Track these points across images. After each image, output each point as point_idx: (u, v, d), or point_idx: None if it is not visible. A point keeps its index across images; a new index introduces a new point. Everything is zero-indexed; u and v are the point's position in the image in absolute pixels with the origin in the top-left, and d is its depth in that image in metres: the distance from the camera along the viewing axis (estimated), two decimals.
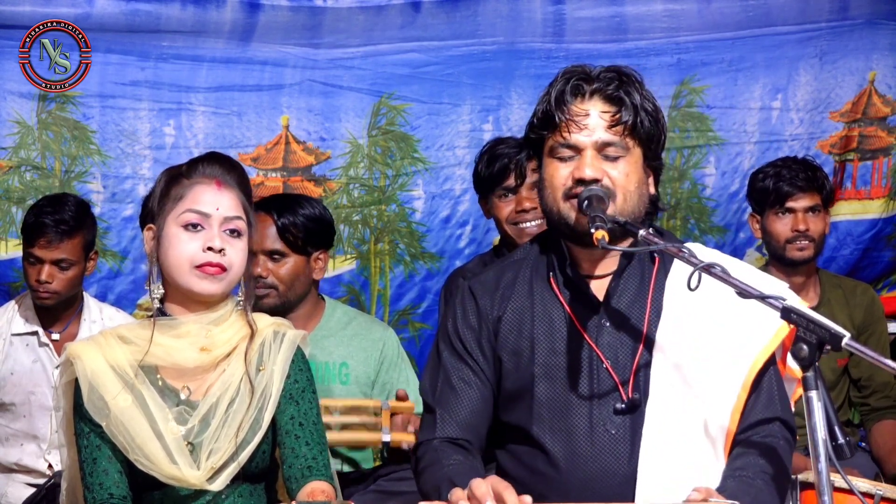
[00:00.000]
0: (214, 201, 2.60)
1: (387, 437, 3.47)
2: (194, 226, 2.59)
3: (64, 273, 4.00)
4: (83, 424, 2.59)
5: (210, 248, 2.57)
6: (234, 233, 2.61)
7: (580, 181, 2.52)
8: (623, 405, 2.54)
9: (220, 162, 2.68)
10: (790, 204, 4.05)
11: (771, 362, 2.52)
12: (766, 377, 2.51)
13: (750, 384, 2.48)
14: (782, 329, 2.46)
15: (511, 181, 3.85)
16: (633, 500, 2.47)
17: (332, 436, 3.40)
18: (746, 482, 2.40)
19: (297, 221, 3.79)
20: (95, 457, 2.57)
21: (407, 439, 3.45)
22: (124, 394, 2.56)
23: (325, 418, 3.11)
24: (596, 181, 2.51)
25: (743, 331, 2.48)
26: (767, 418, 2.49)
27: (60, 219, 3.97)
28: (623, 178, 2.53)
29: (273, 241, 3.75)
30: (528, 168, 3.81)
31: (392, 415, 3.52)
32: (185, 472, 2.54)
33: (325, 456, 2.64)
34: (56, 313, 4.10)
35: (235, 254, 2.60)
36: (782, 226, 4.06)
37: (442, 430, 2.61)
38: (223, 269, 2.58)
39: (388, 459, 3.67)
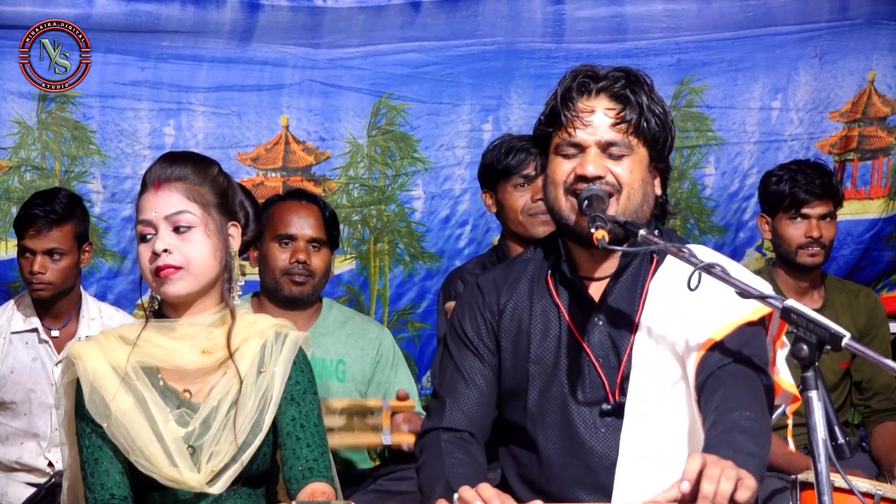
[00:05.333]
0: (152, 206, 2.60)
1: (387, 440, 3.48)
2: (145, 237, 2.60)
3: (56, 263, 4.01)
4: (84, 425, 2.59)
5: (155, 253, 2.57)
6: (182, 228, 2.59)
7: (582, 178, 2.52)
8: (609, 406, 2.54)
9: (162, 161, 2.66)
10: (805, 210, 4.04)
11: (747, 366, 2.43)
12: (735, 370, 2.42)
13: (697, 363, 2.42)
14: (744, 317, 2.41)
15: (531, 170, 3.86)
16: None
17: (332, 439, 3.40)
18: (724, 440, 2.28)
19: (332, 214, 3.87)
20: (97, 457, 2.57)
21: (407, 440, 3.46)
22: (125, 395, 2.56)
23: (326, 419, 3.12)
24: (598, 178, 2.51)
25: (710, 324, 2.46)
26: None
27: (50, 209, 3.99)
28: (627, 175, 2.53)
29: (319, 230, 3.80)
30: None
31: (392, 414, 3.53)
32: (185, 475, 2.53)
33: (327, 457, 2.64)
34: (55, 310, 4.11)
35: (189, 248, 2.58)
36: (795, 231, 4.06)
37: (449, 419, 2.63)
38: (176, 267, 2.57)
39: (389, 460, 3.68)
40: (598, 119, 2.54)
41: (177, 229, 2.58)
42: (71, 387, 2.62)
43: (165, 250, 2.56)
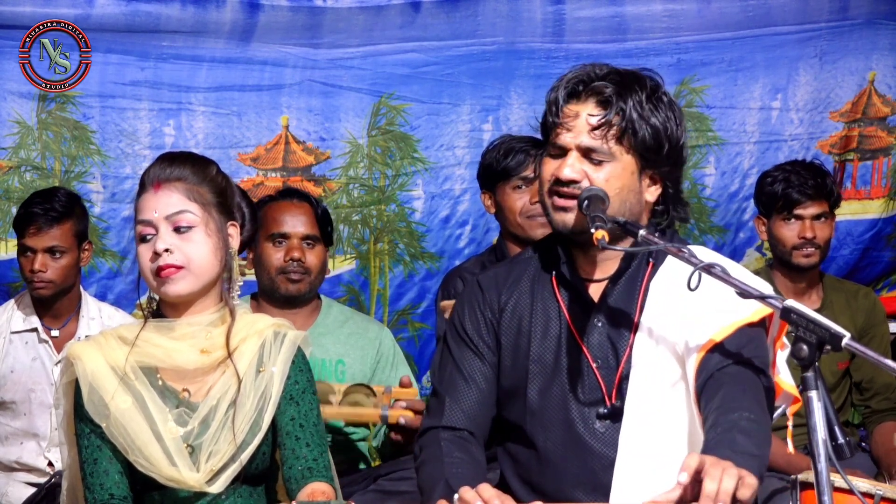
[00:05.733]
0: (152, 206, 2.59)
1: (385, 413, 3.47)
2: (145, 237, 2.60)
3: (57, 261, 4.02)
4: (83, 425, 2.59)
5: (156, 253, 2.57)
6: (182, 228, 2.59)
7: (558, 181, 2.53)
8: (605, 410, 2.54)
9: (161, 161, 2.66)
10: (798, 211, 4.05)
11: (745, 366, 2.43)
12: (734, 373, 2.42)
13: (697, 365, 2.42)
14: (744, 318, 2.41)
15: (530, 172, 3.86)
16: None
17: (331, 409, 3.41)
18: (724, 442, 2.27)
19: (325, 211, 3.86)
20: (96, 457, 2.57)
21: (404, 414, 3.44)
22: (124, 395, 2.56)
23: (325, 409, 3.13)
24: (573, 182, 2.51)
25: (710, 324, 2.45)
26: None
27: (50, 207, 4.02)
28: (603, 182, 2.51)
29: (312, 227, 3.79)
30: None
31: (395, 401, 3.52)
32: (185, 474, 2.54)
33: (326, 457, 2.64)
34: (55, 310, 4.12)
35: (191, 247, 2.58)
36: (789, 232, 4.06)
37: (449, 418, 2.63)
38: (178, 267, 2.57)
39: (388, 448, 3.67)
40: (580, 123, 2.53)
41: (177, 229, 2.59)
42: (70, 387, 2.62)
43: (167, 250, 2.56)
